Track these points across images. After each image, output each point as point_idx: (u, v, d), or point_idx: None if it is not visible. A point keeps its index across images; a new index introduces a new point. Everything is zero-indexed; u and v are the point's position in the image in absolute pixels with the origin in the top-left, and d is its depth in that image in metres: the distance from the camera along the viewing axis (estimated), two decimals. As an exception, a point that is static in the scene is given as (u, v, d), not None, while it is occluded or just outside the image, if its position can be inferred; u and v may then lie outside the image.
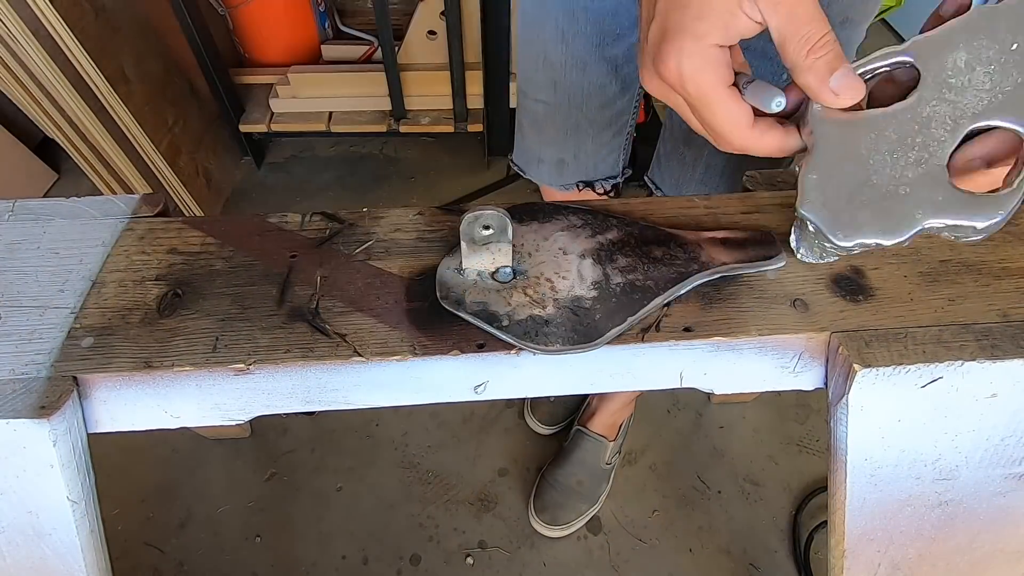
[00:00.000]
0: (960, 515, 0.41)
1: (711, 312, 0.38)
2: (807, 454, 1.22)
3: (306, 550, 1.12)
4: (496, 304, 0.36)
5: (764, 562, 1.10)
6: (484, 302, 0.36)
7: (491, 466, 1.22)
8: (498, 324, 0.35)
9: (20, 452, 0.34)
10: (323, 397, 0.38)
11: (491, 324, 0.35)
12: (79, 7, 1.18)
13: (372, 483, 1.19)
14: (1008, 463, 0.39)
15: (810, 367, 0.39)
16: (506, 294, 0.37)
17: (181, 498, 1.18)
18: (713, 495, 1.18)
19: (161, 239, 0.43)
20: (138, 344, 0.37)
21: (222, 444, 1.25)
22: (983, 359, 0.35)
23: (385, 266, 0.41)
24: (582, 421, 1.20)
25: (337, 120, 1.66)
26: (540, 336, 0.35)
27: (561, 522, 1.12)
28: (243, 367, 0.36)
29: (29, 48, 1.12)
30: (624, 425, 1.20)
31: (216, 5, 1.61)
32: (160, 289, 0.40)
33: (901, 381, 0.35)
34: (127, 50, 1.32)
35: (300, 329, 0.38)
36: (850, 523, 0.40)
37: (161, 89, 1.44)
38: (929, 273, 0.40)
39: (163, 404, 0.37)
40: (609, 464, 1.17)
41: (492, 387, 0.38)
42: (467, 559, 1.11)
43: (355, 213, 0.44)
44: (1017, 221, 0.43)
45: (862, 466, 0.38)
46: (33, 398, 0.34)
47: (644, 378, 0.39)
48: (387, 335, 0.37)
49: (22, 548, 0.38)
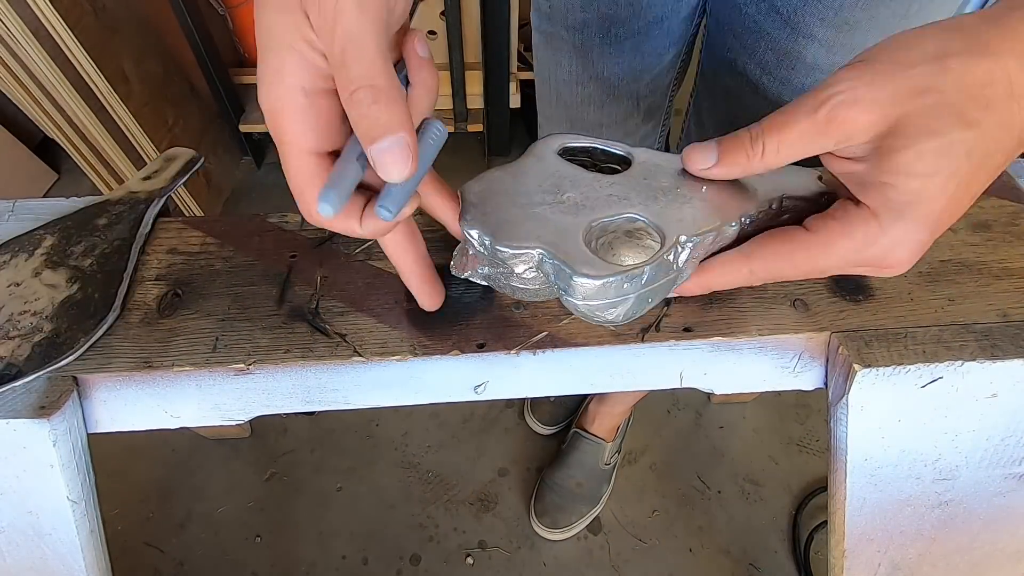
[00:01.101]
0: (960, 515, 0.41)
1: (711, 312, 0.38)
2: (807, 454, 1.22)
3: (306, 550, 1.12)
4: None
5: (764, 562, 1.10)
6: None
7: (491, 466, 1.22)
8: None
9: (20, 452, 0.34)
10: (323, 397, 0.38)
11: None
12: (79, 7, 1.18)
13: (372, 483, 1.19)
14: (1008, 463, 0.39)
15: (810, 367, 0.39)
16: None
17: (181, 498, 1.18)
18: (713, 495, 1.18)
19: (161, 239, 0.43)
20: (138, 344, 0.37)
21: (222, 444, 1.25)
22: (983, 359, 0.35)
23: (385, 266, 0.41)
24: (579, 423, 1.19)
25: (337, 120, 1.66)
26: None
27: (562, 525, 1.11)
28: (243, 367, 0.36)
29: (29, 48, 1.12)
30: (622, 426, 1.20)
31: (216, 5, 1.61)
32: (160, 289, 0.40)
33: (901, 381, 0.35)
34: (127, 50, 1.32)
35: (300, 329, 0.38)
36: (850, 523, 0.40)
37: (161, 89, 1.44)
38: (929, 273, 0.40)
39: (163, 404, 0.37)
40: (608, 464, 1.16)
41: (492, 387, 0.38)
42: (467, 559, 1.11)
43: (355, 213, 0.44)
44: (1017, 221, 0.43)
45: (862, 466, 0.38)
46: (33, 398, 0.34)
47: (644, 378, 0.39)
48: (387, 335, 0.37)
49: (22, 548, 0.38)
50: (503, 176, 0.34)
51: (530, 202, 0.33)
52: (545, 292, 0.34)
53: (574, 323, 0.38)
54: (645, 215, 0.32)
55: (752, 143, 0.29)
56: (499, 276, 0.34)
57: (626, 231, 0.32)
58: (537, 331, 0.38)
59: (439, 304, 0.37)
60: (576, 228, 0.31)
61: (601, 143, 0.36)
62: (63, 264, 0.40)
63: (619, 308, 0.31)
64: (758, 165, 0.29)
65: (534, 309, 0.39)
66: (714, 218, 0.32)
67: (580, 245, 0.31)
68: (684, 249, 0.31)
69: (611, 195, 0.33)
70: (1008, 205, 0.44)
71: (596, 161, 0.36)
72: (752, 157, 0.29)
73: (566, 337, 0.37)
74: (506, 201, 0.33)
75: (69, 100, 1.22)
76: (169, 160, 0.49)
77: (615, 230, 0.32)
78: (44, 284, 0.39)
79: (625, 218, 0.32)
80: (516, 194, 0.33)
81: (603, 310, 0.31)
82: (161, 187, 0.46)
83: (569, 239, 0.31)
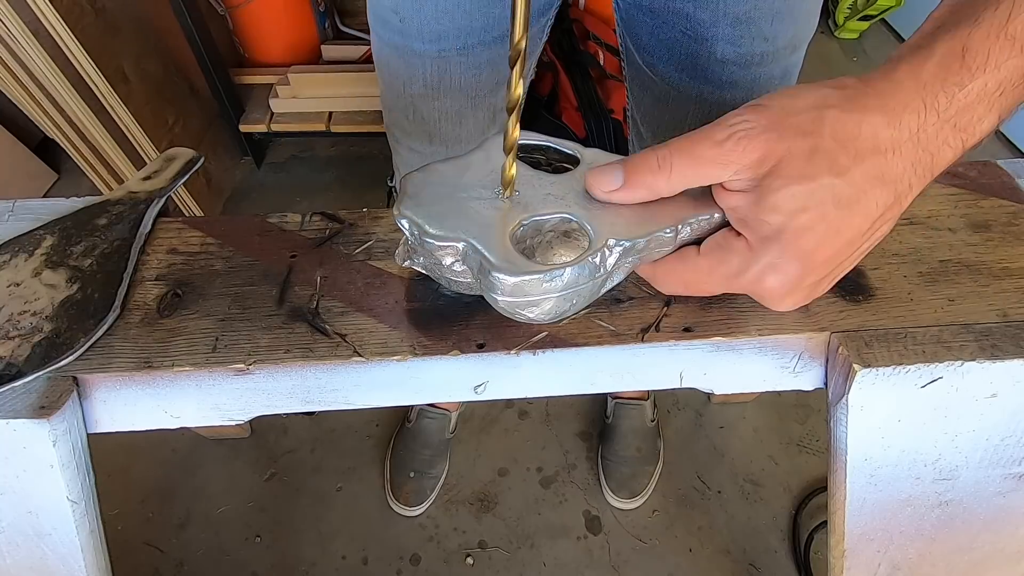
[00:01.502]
0: (960, 515, 0.41)
1: (711, 312, 0.38)
2: (807, 454, 1.22)
3: (306, 550, 1.12)
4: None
5: (764, 562, 1.10)
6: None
7: (491, 466, 1.22)
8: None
9: (20, 452, 0.34)
10: (323, 397, 0.38)
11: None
12: (79, 7, 1.18)
13: (372, 483, 1.19)
14: (1008, 463, 0.39)
15: (810, 367, 0.39)
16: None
17: (181, 498, 1.18)
18: (713, 495, 1.18)
19: (161, 239, 0.43)
20: (138, 344, 0.37)
21: (222, 444, 1.25)
22: (983, 359, 0.35)
23: (385, 266, 0.41)
24: (615, 395, 1.22)
25: (337, 120, 1.66)
26: None
27: (638, 492, 1.15)
28: (243, 367, 0.36)
29: (29, 48, 1.12)
30: None
31: (216, 5, 1.61)
32: (160, 289, 0.40)
33: (901, 381, 0.35)
34: (127, 50, 1.32)
35: (300, 329, 0.38)
36: (850, 523, 0.40)
37: (161, 89, 1.44)
38: (929, 273, 0.40)
39: (163, 404, 0.37)
40: (654, 421, 1.21)
41: (492, 387, 0.38)
42: (467, 559, 1.11)
43: (355, 213, 0.44)
44: (1017, 222, 0.43)
45: (862, 466, 0.38)
46: (33, 398, 0.34)
47: (644, 378, 0.39)
48: (387, 335, 0.37)
49: (22, 548, 0.38)
50: (446, 168, 0.34)
51: (467, 196, 0.33)
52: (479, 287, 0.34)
53: (574, 323, 0.38)
54: (578, 216, 0.32)
55: (660, 164, 0.30)
56: (434, 267, 0.35)
57: (563, 231, 0.32)
58: (537, 331, 0.38)
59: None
60: (506, 224, 0.31)
61: (555, 142, 0.36)
62: (63, 264, 0.40)
63: (540, 307, 0.31)
64: (664, 187, 0.31)
65: (534, 309, 0.39)
66: (649, 224, 0.31)
67: (505, 241, 0.31)
68: (613, 253, 0.31)
69: (549, 194, 0.33)
70: (1008, 205, 0.44)
71: (550, 159, 0.36)
72: (658, 178, 0.30)
73: (566, 337, 0.37)
74: (443, 193, 0.33)
75: (69, 100, 1.22)
76: (169, 160, 0.49)
77: (552, 229, 0.32)
78: (44, 284, 0.39)
79: (559, 218, 0.32)
80: (455, 187, 0.33)
81: (523, 308, 0.31)
82: (161, 187, 0.46)
83: (496, 235, 0.31)
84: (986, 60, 0.26)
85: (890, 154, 0.28)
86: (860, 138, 0.28)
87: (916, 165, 0.28)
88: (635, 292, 0.40)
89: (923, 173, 0.28)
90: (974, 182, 0.45)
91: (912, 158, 0.28)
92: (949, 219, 0.43)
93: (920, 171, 0.28)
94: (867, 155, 0.28)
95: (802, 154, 0.28)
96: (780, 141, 0.28)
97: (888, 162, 0.28)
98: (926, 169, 0.28)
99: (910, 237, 0.42)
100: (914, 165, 0.28)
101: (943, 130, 0.27)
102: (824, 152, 0.28)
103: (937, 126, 0.27)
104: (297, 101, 1.66)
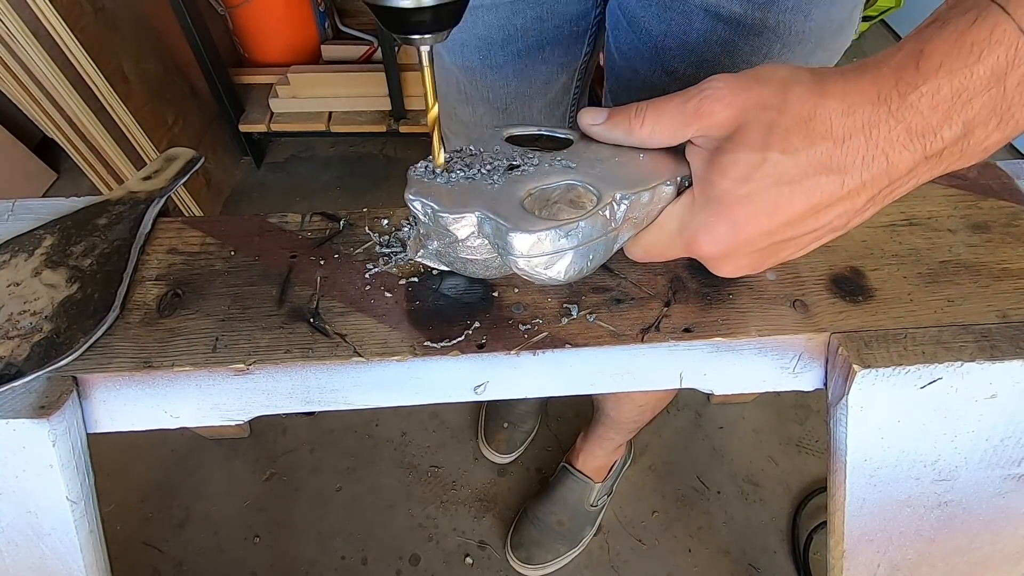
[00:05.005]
0: (959, 516, 0.41)
1: (711, 312, 0.38)
2: (807, 454, 1.22)
3: (305, 550, 1.12)
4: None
5: (763, 562, 1.10)
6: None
7: (491, 466, 1.22)
8: None
9: (20, 452, 0.34)
10: (323, 397, 0.38)
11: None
12: (79, 7, 1.18)
13: (371, 483, 1.19)
14: (1007, 464, 0.39)
15: (810, 368, 0.39)
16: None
17: (180, 498, 1.18)
18: (712, 495, 1.18)
19: (161, 239, 0.43)
20: (138, 344, 0.37)
21: (221, 444, 1.25)
22: (982, 360, 0.35)
23: (385, 266, 0.41)
24: (568, 458, 1.15)
25: (337, 120, 1.66)
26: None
27: (536, 561, 1.07)
28: (243, 367, 0.36)
29: (29, 48, 1.12)
30: (616, 467, 1.15)
31: (216, 5, 1.61)
32: (160, 289, 0.40)
33: (900, 382, 0.35)
34: (127, 50, 1.32)
35: (300, 329, 0.38)
36: (849, 524, 0.40)
37: (161, 89, 1.44)
38: (928, 274, 0.40)
39: (163, 404, 0.37)
40: (595, 506, 1.11)
41: (492, 387, 0.38)
42: (466, 559, 1.11)
43: (355, 213, 0.44)
44: (1016, 222, 0.43)
45: (862, 467, 0.38)
46: (33, 398, 0.34)
47: (644, 378, 0.39)
48: (387, 335, 0.37)
49: (22, 548, 0.38)
50: (450, 156, 0.36)
51: (473, 176, 0.35)
52: (495, 264, 0.35)
53: (574, 323, 0.38)
54: (583, 180, 0.33)
55: (636, 114, 0.33)
56: (449, 251, 0.35)
57: (569, 199, 0.33)
58: (537, 331, 0.38)
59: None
60: (514, 194, 0.33)
61: (546, 129, 0.38)
62: (63, 264, 0.40)
63: (557, 265, 0.32)
64: (636, 134, 0.33)
65: (534, 309, 0.39)
66: (650, 178, 0.33)
67: (517, 205, 0.32)
68: (620, 206, 0.32)
69: (551, 166, 0.35)
70: (1007, 206, 0.44)
71: (543, 148, 0.38)
72: (633, 124, 0.33)
73: (566, 337, 0.37)
74: (449, 178, 0.35)
75: (69, 100, 1.22)
76: (169, 160, 0.49)
77: (558, 199, 0.33)
78: (44, 284, 0.39)
79: (565, 185, 0.33)
80: (459, 173, 0.35)
81: (542, 267, 0.32)
82: (161, 187, 0.46)
83: (506, 203, 0.32)
84: (939, 65, 0.26)
85: (841, 143, 0.27)
86: (815, 120, 0.28)
87: (868, 162, 0.27)
88: (635, 292, 0.40)
89: (878, 174, 0.28)
90: (974, 183, 0.45)
91: (863, 152, 0.27)
92: (949, 220, 0.43)
93: (874, 171, 0.28)
94: (819, 139, 0.27)
95: (760, 125, 0.28)
96: (742, 110, 0.29)
97: (838, 151, 0.27)
98: (880, 170, 0.27)
99: (910, 238, 0.42)
100: (865, 160, 0.27)
101: (896, 130, 0.27)
102: (781, 128, 0.28)
103: (890, 124, 0.27)
104: (297, 101, 1.66)
